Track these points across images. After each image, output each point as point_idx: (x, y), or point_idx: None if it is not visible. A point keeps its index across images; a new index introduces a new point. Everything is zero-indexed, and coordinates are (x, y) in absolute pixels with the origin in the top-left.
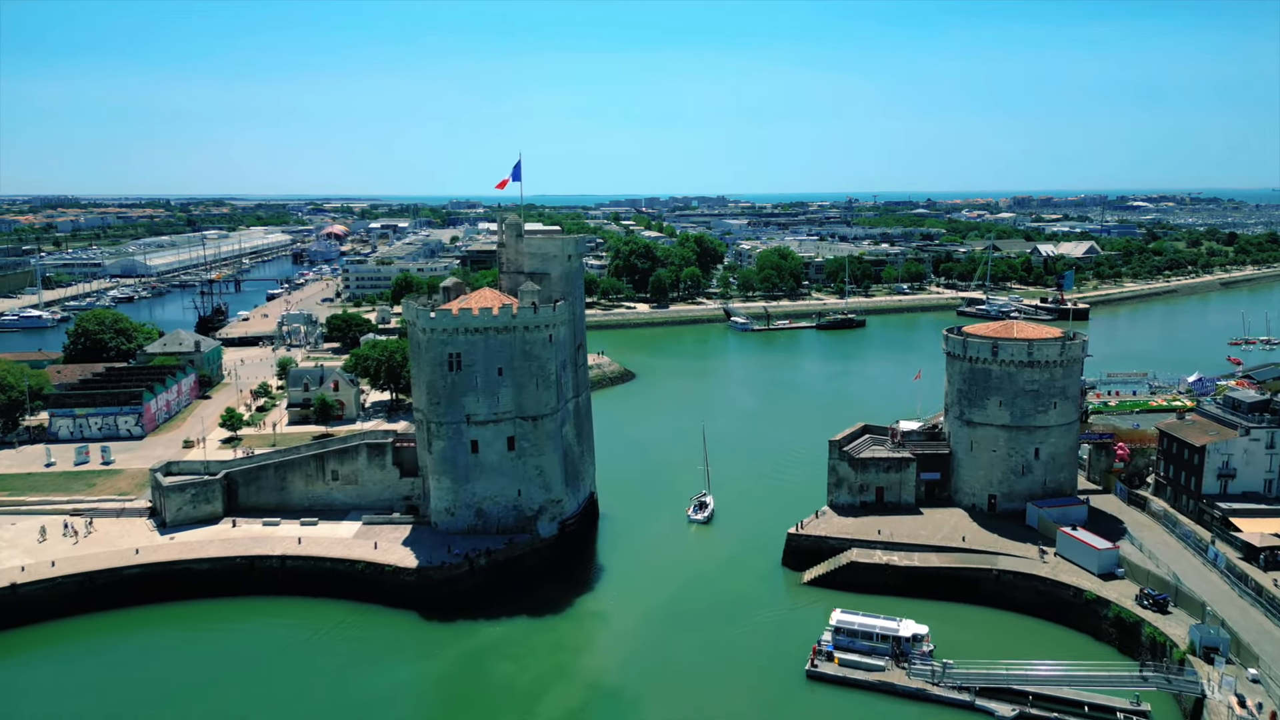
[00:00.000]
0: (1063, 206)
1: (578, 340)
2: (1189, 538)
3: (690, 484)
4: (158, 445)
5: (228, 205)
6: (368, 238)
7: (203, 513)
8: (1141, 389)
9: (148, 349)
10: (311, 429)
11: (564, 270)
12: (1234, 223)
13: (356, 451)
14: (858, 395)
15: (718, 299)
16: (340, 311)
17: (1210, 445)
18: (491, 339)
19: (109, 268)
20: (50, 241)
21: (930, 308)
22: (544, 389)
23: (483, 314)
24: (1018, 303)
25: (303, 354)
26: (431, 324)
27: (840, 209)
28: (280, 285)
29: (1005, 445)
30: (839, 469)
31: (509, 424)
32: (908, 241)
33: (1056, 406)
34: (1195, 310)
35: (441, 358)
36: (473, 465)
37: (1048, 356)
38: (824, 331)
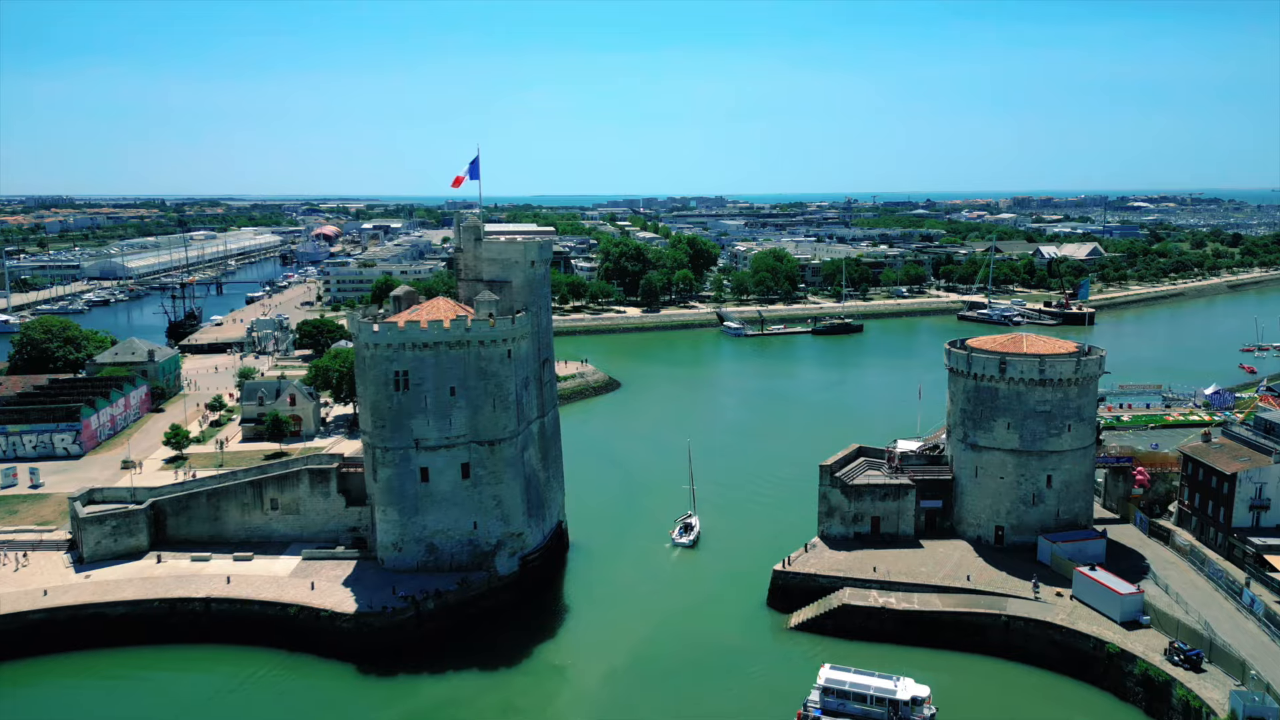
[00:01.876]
0: (1063, 207)
1: (543, 355)
2: (1220, 578)
3: (674, 505)
4: (95, 466)
5: (222, 206)
6: (359, 238)
7: (125, 547)
8: (1155, 401)
9: (98, 359)
10: (266, 446)
11: (527, 277)
12: (1236, 223)
13: (298, 478)
14: (854, 408)
15: (711, 302)
16: (318, 316)
17: (1241, 473)
18: (443, 355)
19: (87, 270)
20: (36, 243)
21: (930, 311)
22: (502, 410)
23: (432, 327)
24: (1020, 306)
25: (271, 362)
26: (374, 338)
27: (839, 209)
28: (262, 288)
29: (1014, 472)
30: (831, 497)
31: (463, 449)
32: (907, 243)
33: (1071, 429)
34: (1203, 314)
35: (386, 376)
36: (422, 495)
37: (1061, 374)
38: (820, 337)
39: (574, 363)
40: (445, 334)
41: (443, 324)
